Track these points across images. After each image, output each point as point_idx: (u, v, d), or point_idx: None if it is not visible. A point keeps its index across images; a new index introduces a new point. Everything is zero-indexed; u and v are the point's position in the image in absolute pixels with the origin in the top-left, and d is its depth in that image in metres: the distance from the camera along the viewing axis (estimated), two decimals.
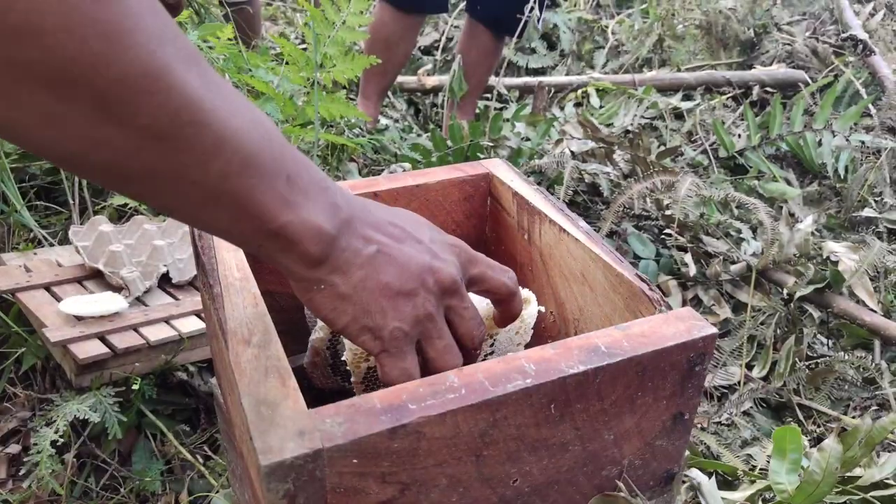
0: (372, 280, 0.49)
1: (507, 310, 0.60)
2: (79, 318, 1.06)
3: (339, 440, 0.46)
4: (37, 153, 0.38)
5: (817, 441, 1.22)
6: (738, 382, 1.30)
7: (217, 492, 1.01)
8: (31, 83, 0.34)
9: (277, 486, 0.45)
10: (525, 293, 0.69)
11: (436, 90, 2.56)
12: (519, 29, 2.04)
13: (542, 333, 0.79)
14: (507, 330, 0.67)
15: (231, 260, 0.64)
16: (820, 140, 2.06)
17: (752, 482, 0.99)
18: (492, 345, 0.67)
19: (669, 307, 0.59)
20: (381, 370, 0.52)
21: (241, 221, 0.43)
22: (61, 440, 0.97)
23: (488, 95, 2.56)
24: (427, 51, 3.00)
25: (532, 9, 1.99)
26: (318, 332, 0.67)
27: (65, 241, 1.35)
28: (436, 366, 0.53)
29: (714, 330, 0.55)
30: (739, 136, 2.19)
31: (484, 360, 0.68)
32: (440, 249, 0.54)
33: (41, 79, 0.34)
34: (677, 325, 0.56)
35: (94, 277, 1.18)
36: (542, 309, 0.71)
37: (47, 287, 1.14)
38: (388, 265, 0.50)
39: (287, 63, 1.45)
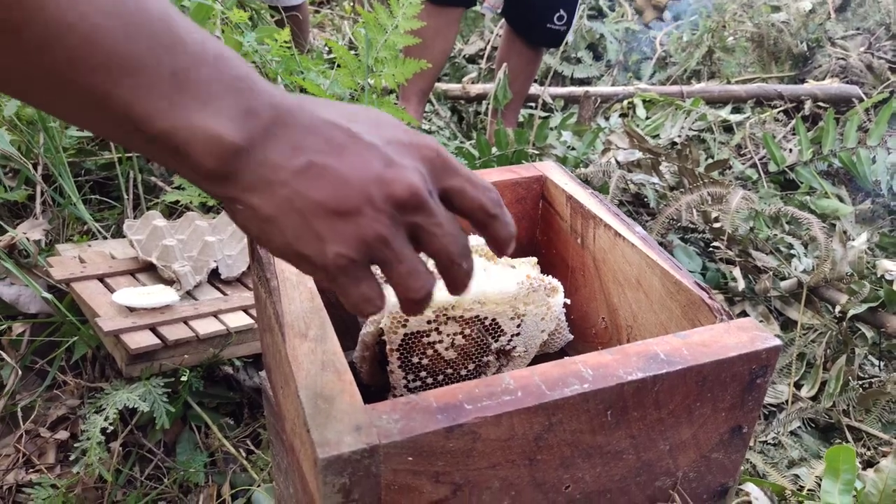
0: (300, 199, 0.41)
1: (488, 236, 0.48)
2: (131, 310, 1.08)
3: (396, 437, 0.46)
4: None
5: (867, 465, 1.18)
6: (787, 401, 1.27)
7: (259, 486, 1.02)
8: None
9: (334, 479, 0.45)
10: (552, 282, 0.68)
11: (480, 98, 2.56)
12: (549, 40, 2.05)
13: (593, 339, 0.78)
14: (535, 315, 0.67)
15: None
16: (874, 157, 2.01)
17: (801, 502, 0.96)
18: (518, 325, 0.67)
19: (731, 317, 0.57)
20: (342, 301, 0.45)
21: (107, 121, 0.39)
22: (110, 427, 0.99)
23: (532, 104, 2.55)
24: (472, 59, 3.01)
25: (563, 18, 2.00)
26: (369, 325, 0.67)
27: (117, 234, 1.38)
28: (399, 292, 0.45)
29: (778, 342, 0.54)
30: (790, 150, 2.14)
31: (510, 341, 0.68)
32: (399, 154, 0.44)
33: None
34: (739, 335, 0.55)
35: (146, 270, 1.20)
36: (569, 301, 0.70)
37: (101, 278, 1.17)
38: (320, 179, 0.41)
39: (338, 66, 1.46)
